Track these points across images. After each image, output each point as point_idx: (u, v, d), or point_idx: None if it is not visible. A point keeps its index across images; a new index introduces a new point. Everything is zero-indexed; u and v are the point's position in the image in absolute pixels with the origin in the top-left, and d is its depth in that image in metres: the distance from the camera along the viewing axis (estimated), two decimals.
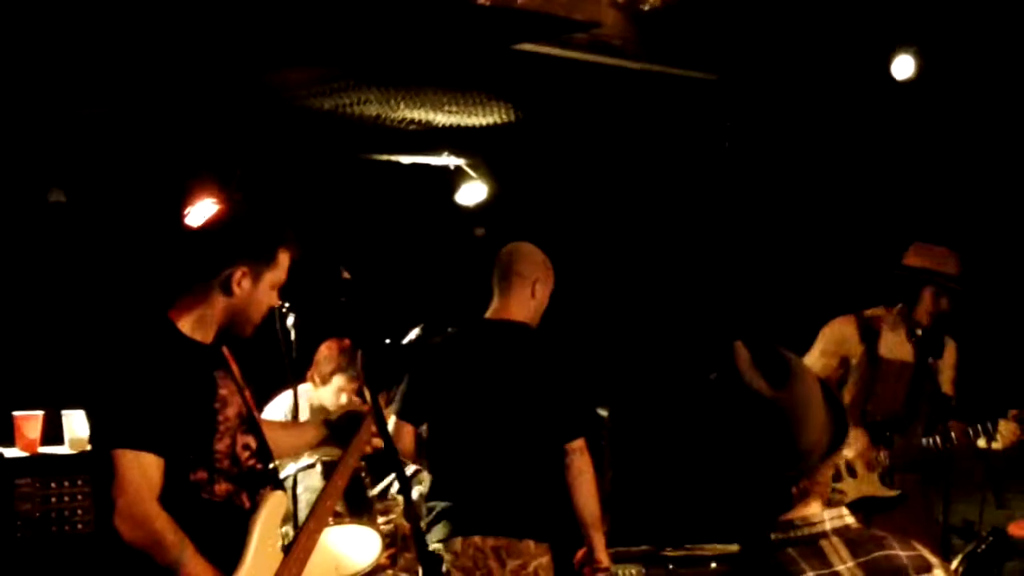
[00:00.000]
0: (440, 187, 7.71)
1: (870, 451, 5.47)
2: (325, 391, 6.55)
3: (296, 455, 4.33)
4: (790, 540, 2.61)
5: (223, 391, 3.78)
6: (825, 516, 2.63)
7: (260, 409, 4.79)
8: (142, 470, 3.52)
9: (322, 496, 4.05)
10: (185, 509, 3.59)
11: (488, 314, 5.19)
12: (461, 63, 5.33)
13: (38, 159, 6.59)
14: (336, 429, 4.23)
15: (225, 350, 3.88)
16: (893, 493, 5.47)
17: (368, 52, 4.94)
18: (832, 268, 7.14)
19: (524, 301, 5.29)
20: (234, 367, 3.91)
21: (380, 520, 5.90)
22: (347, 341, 6.48)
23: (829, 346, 5.69)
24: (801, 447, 2.75)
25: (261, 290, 3.80)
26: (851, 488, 5.47)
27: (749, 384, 2.76)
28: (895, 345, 5.68)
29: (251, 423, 3.87)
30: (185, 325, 3.73)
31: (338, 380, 6.52)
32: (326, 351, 6.52)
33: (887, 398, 5.61)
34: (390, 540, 5.97)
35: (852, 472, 5.49)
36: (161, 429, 3.56)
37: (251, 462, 3.83)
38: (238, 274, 3.74)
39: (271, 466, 3.92)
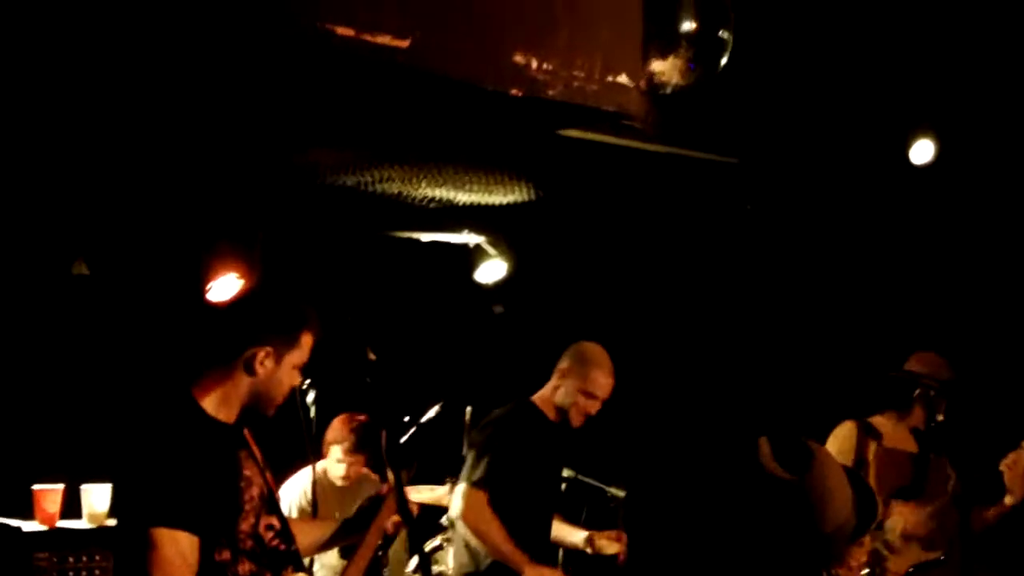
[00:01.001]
0: (459, 265, 7.74)
1: (916, 526, 5.76)
2: (328, 461, 6.57)
3: (310, 552, 4.34)
4: None
5: (247, 471, 3.79)
6: None
7: (279, 484, 4.80)
8: (179, 549, 3.53)
9: (348, 570, 4.06)
10: None
11: None
12: (485, 144, 5.39)
13: (62, 232, 6.63)
14: (352, 524, 4.24)
15: (246, 432, 3.90)
16: (936, 555, 5.88)
17: (398, 138, 5.00)
18: (851, 353, 7.15)
19: (548, 385, 6.01)
20: (255, 448, 3.93)
21: None
22: (360, 417, 6.50)
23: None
24: (826, 530, 2.77)
25: (283, 370, 3.82)
26: (893, 563, 5.88)
27: (772, 473, 2.78)
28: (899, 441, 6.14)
29: (273, 504, 3.88)
30: (209, 404, 3.75)
31: (335, 451, 6.53)
32: (335, 422, 6.55)
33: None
34: None
35: (891, 548, 5.84)
36: (195, 508, 3.57)
37: (275, 542, 3.84)
38: (262, 354, 3.76)
39: (293, 547, 3.93)
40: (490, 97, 3.71)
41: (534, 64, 3.72)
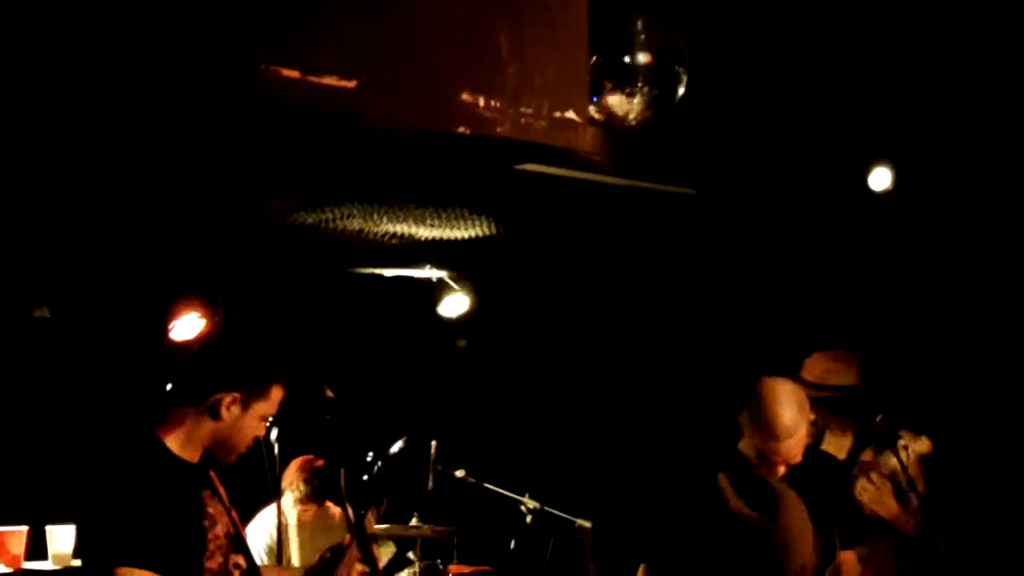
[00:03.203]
0: (422, 299, 7.76)
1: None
2: (284, 502, 6.56)
3: None
4: None
5: (210, 510, 3.79)
6: None
7: (244, 525, 4.80)
8: None
9: None
10: None
11: None
12: (443, 183, 5.41)
13: (22, 276, 6.63)
14: (316, 574, 4.24)
15: (211, 472, 3.90)
16: None
17: (351, 179, 5.02)
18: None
19: None
20: (220, 488, 3.93)
21: None
22: (318, 461, 6.49)
23: None
24: (790, 572, 2.79)
25: (249, 418, 3.82)
26: None
27: (739, 513, 2.80)
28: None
29: (240, 542, 3.89)
30: (173, 444, 3.75)
31: (287, 496, 6.51)
32: (291, 466, 6.53)
33: None
34: None
35: None
36: (157, 546, 3.57)
37: None
38: (228, 399, 3.76)
39: None
40: (438, 138, 3.74)
41: (481, 102, 3.74)
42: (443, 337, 8.34)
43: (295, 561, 6.33)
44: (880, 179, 6.08)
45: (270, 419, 3.93)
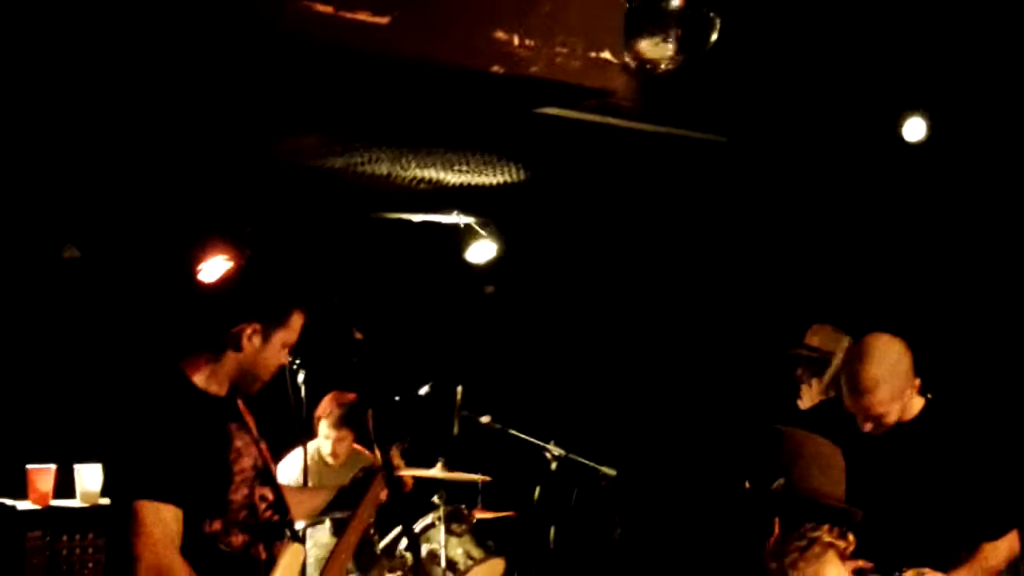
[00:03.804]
0: (450, 245, 7.75)
1: None
2: (318, 439, 6.62)
3: (307, 518, 4.35)
4: None
5: (238, 443, 3.80)
6: None
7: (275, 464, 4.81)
8: (164, 522, 3.55)
9: (335, 552, 4.07)
10: (202, 561, 3.61)
11: None
12: (473, 124, 5.37)
13: (52, 216, 6.64)
14: (347, 493, 4.25)
15: (240, 403, 3.91)
16: None
17: (381, 119, 4.98)
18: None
19: None
20: (249, 420, 3.94)
21: None
22: (348, 396, 6.54)
23: None
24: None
25: (271, 348, 3.82)
26: None
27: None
28: None
29: (267, 475, 3.89)
30: (199, 378, 3.77)
31: (321, 427, 6.59)
32: (324, 399, 6.59)
33: None
34: None
35: None
36: (179, 480, 3.58)
37: (268, 513, 3.85)
38: (249, 331, 3.77)
39: (288, 518, 3.94)
40: (471, 76, 3.71)
41: (515, 41, 3.70)
42: (470, 283, 8.33)
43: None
44: (914, 130, 6.02)
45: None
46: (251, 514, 3.78)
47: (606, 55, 3.95)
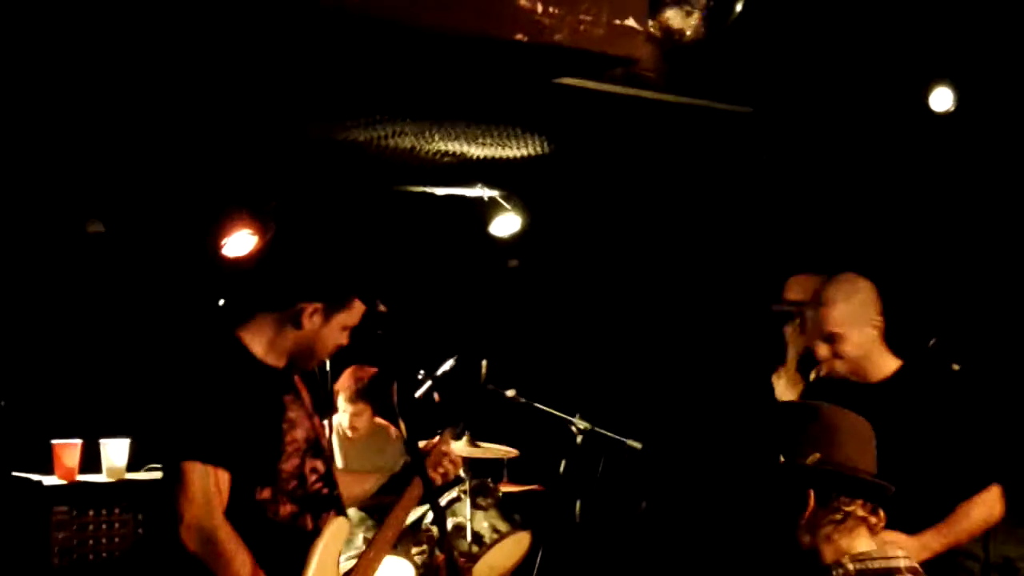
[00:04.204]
0: (474, 219, 7.73)
1: None
2: (338, 413, 6.64)
3: (353, 504, 4.36)
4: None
5: (291, 414, 3.82)
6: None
7: None
8: (211, 483, 3.57)
9: (384, 526, 4.08)
10: (248, 527, 3.63)
11: None
12: (498, 96, 5.34)
13: (77, 191, 6.64)
14: (397, 480, 4.25)
15: (297, 378, 3.92)
16: None
17: (405, 90, 4.97)
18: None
19: None
20: (304, 394, 3.96)
21: (414, 551, 5.91)
22: (367, 369, 6.54)
23: None
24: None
25: (330, 328, 3.86)
26: None
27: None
28: None
29: (319, 448, 3.91)
30: (256, 347, 3.80)
31: (340, 401, 6.62)
32: (343, 374, 6.60)
33: None
34: (423, 571, 5.98)
35: None
36: (229, 445, 3.60)
37: (317, 486, 3.87)
38: (310, 309, 3.80)
39: (336, 492, 3.95)
40: (494, 45, 3.68)
41: (539, 8, 3.67)
42: (494, 257, 8.32)
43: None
44: (941, 100, 5.96)
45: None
46: (300, 485, 3.80)
47: (630, 22, 3.92)
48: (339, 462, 6.44)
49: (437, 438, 4.31)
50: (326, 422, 5.78)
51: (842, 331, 4.52)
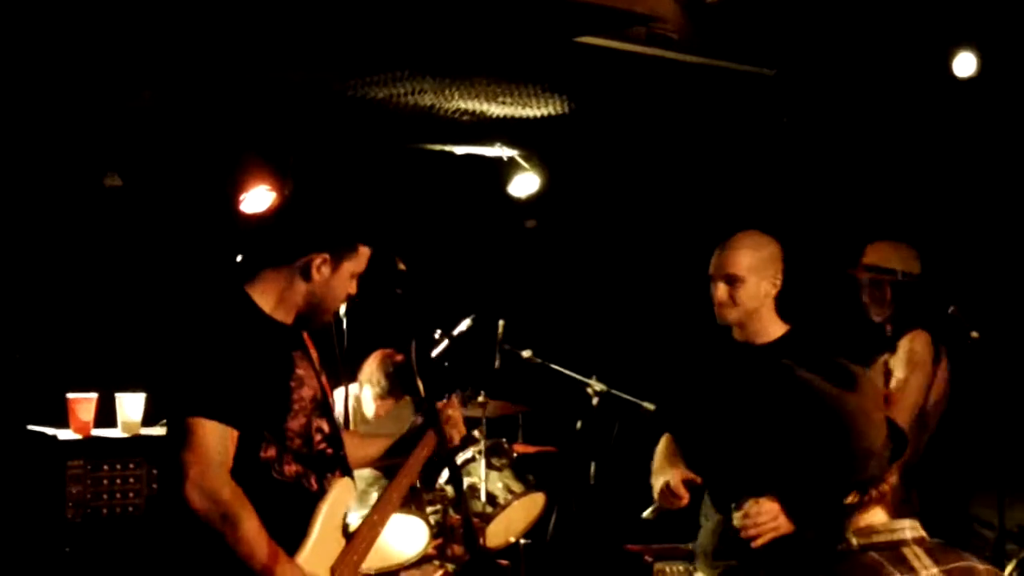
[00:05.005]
0: (492, 178, 7.70)
1: None
2: (361, 392, 6.59)
3: (361, 466, 4.34)
4: (873, 545, 2.65)
5: (300, 371, 3.79)
6: (905, 525, 2.69)
7: None
8: (217, 440, 3.54)
9: (390, 488, 4.06)
10: (253, 485, 3.60)
11: None
12: (519, 54, 5.30)
13: (94, 145, 6.62)
14: (403, 443, 4.23)
15: (305, 335, 3.90)
16: None
17: (427, 43, 4.93)
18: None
19: None
20: (313, 351, 3.93)
21: (428, 510, 5.91)
22: (394, 357, 6.49)
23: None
24: (861, 452, 2.74)
25: (339, 278, 3.82)
26: None
27: (815, 387, 2.76)
28: None
29: (325, 407, 3.88)
30: (265, 303, 3.76)
31: (366, 390, 6.55)
32: (370, 360, 6.53)
33: None
34: (438, 530, 5.98)
35: None
36: (236, 401, 3.57)
37: (322, 446, 3.84)
38: (318, 260, 3.77)
39: (341, 453, 3.94)
40: (520, 1, 3.64)
41: None
42: (512, 217, 8.28)
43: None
44: (965, 65, 5.91)
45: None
46: (306, 444, 3.77)
47: None
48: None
49: (445, 401, 4.29)
50: (343, 389, 5.79)
51: (743, 275, 4.61)
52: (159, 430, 6.04)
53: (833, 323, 6.18)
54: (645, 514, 4.70)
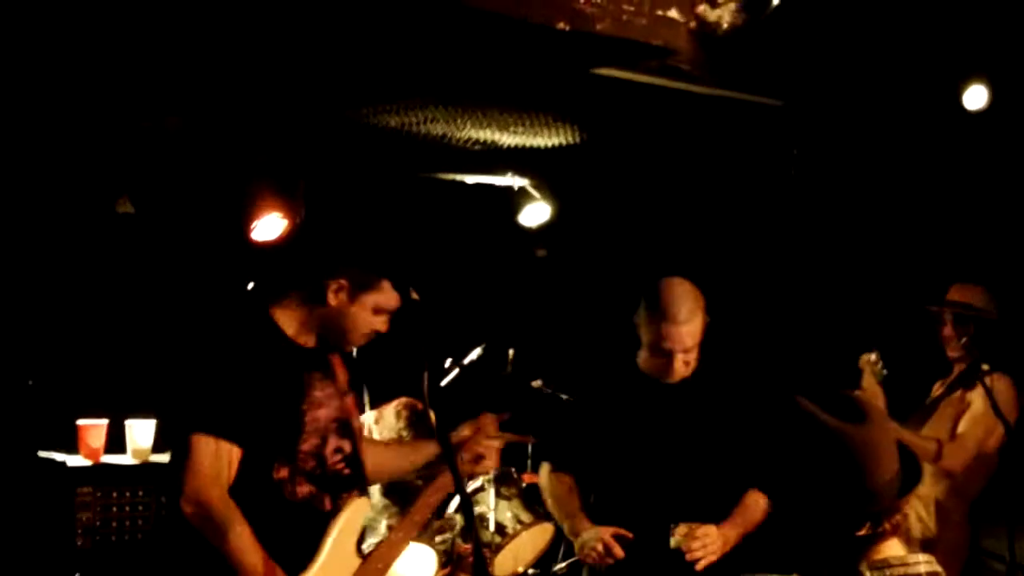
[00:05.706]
0: (503, 207, 7.71)
1: None
2: (375, 426, 6.51)
3: (400, 476, 4.35)
4: None
5: (317, 392, 3.81)
6: (920, 559, 2.69)
7: None
8: (215, 457, 3.56)
9: (412, 511, 4.07)
10: (264, 507, 3.62)
11: None
12: (533, 85, 5.33)
13: (106, 171, 6.64)
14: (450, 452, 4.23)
15: (336, 358, 3.91)
16: None
17: (443, 73, 4.96)
18: (899, 295, 7.07)
19: None
20: (340, 372, 3.95)
21: (436, 539, 5.90)
22: (416, 405, 6.43)
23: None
24: (870, 486, 2.74)
25: (358, 308, 3.86)
26: None
27: (824, 422, 2.76)
28: None
29: (347, 428, 3.90)
30: (288, 326, 3.81)
31: (382, 432, 6.49)
32: (388, 409, 6.39)
33: None
34: (446, 559, 5.97)
35: None
36: (244, 420, 3.59)
37: (340, 466, 3.86)
38: (334, 285, 3.80)
39: (360, 473, 3.94)
40: (536, 31, 3.67)
41: None
42: (523, 246, 8.29)
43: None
44: (975, 98, 5.92)
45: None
46: (319, 465, 3.79)
47: (673, 13, 3.91)
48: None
49: (467, 428, 4.29)
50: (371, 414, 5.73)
51: (696, 343, 4.78)
52: (168, 457, 6.04)
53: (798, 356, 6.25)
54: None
